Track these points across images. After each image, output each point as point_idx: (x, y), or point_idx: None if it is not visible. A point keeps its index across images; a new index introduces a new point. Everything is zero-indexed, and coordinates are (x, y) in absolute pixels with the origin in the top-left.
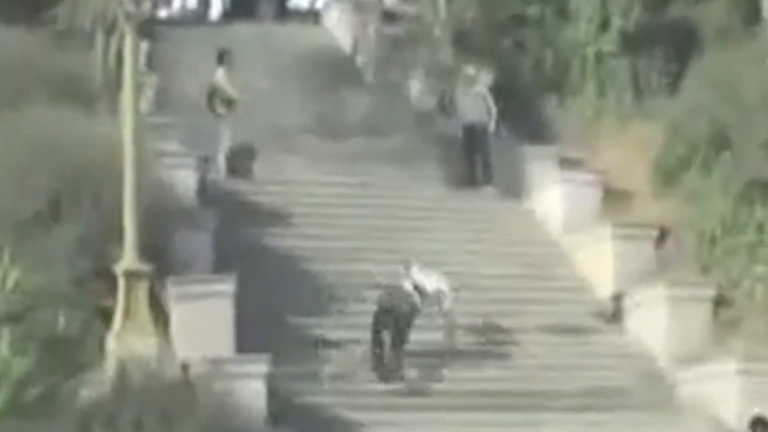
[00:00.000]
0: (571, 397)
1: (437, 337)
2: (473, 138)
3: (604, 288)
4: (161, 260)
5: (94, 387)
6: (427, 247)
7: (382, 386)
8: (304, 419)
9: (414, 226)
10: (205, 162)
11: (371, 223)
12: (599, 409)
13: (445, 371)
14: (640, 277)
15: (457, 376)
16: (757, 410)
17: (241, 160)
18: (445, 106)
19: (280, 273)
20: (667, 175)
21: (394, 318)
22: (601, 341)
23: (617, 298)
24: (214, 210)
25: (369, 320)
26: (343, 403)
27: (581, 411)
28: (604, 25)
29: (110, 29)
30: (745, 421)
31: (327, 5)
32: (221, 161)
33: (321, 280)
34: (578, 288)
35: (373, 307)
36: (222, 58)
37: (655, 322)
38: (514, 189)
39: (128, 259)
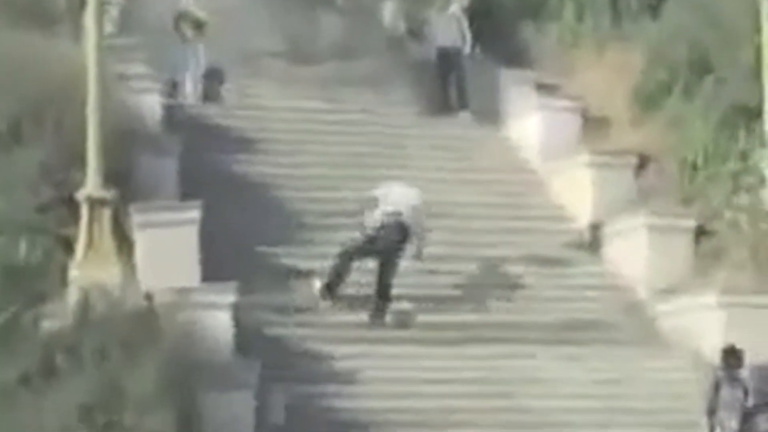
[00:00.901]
0: (548, 330)
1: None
2: (447, 62)
3: (582, 217)
4: (125, 187)
5: (56, 317)
6: (399, 174)
7: (352, 317)
8: (272, 351)
9: (386, 153)
10: (172, 86)
11: (342, 149)
12: (577, 342)
13: (418, 303)
14: (619, 206)
15: (429, 307)
16: (729, 341)
17: (209, 85)
18: (418, 29)
19: (249, 200)
20: (647, 101)
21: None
22: (579, 272)
23: (595, 227)
24: (180, 135)
25: (335, 249)
26: (312, 335)
27: (558, 344)
28: None
29: None
30: (717, 353)
31: None
32: (189, 85)
33: (290, 207)
34: (555, 217)
35: (342, 235)
36: None
37: (635, 252)
38: (490, 115)
39: (91, 185)
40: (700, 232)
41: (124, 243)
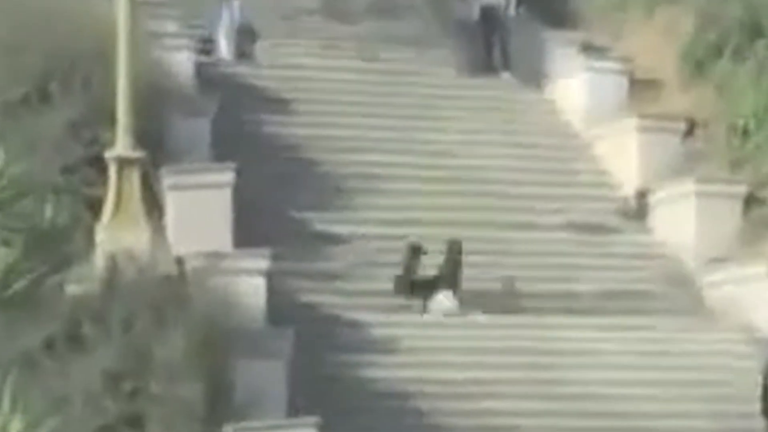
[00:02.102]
0: (591, 300)
1: None
2: (491, 21)
3: (628, 184)
4: (156, 147)
5: (82, 282)
6: (439, 137)
7: (389, 285)
8: (306, 318)
9: (426, 115)
10: (204, 44)
11: (380, 111)
12: (621, 313)
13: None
14: (666, 172)
15: (469, 275)
16: None
17: (242, 43)
18: None
19: (283, 163)
20: (697, 64)
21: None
22: (624, 240)
23: (642, 194)
24: (213, 95)
25: (377, 214)
26: (347, 303)
27: (602, 314)
28: None
29: None
30: None
31: None
32: (222, 43)
33: (326, 170)
34: (600, 183)
35: (384, 201)
36: None
37: (682, 220)
38: (534, 77)
39: (121, 145)
40: (750, 200)
41: (153, 206)
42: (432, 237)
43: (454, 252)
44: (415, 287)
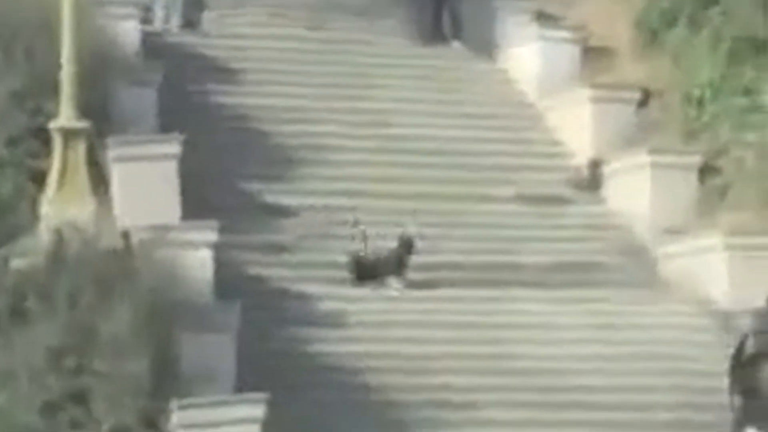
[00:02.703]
0: (543, 272)
1: None
2: None
3: (581, 154)
4: (101, 118)
5: (26, 255)
6: (390, 107)
7: (338, 258)
8: (253, 291)
9: (376, 84)
10: (151, 13)
11: (328, 80)
12: (573, 285)
13: None
14: (620, 143)
15: (417, 248)
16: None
17: (189, 12)
18: None
19: (230, 133)
20: (651, 33)
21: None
22: (577, 212)
23: (595, 165)
24: (159, 64)
25: (325, 185)
26: (295, 276)
27: (553, 287)
28: None
29: None
30: None
31: None
32: (167, 12)
33: (274, 141)
34: (553, 154)
35: (331, 172)
36: None
37: (636, 191)
38: (485, 45)
39: (65, 116)
40: (705, 170)
41: (99, 178)
42: (380, 209)
43: (405, 246)
44: (363, 273)
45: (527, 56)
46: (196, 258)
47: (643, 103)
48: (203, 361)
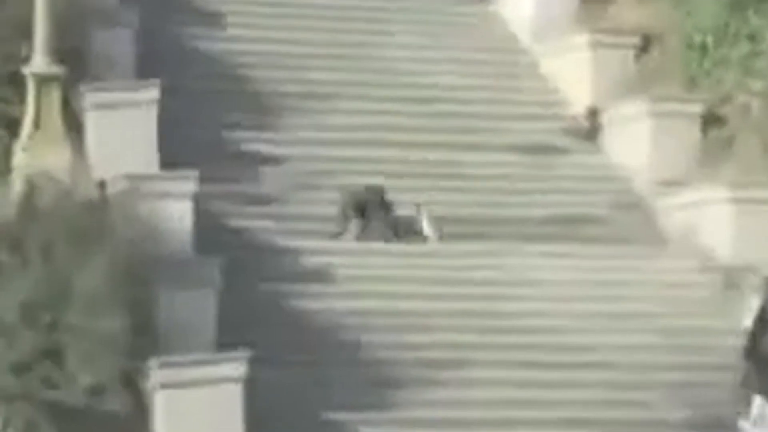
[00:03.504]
0: (536, 225)
1: None
2: None
3: (579, 102)
4: (76, 63)
5: None
6: (380, 53)
7: (325, 210)
8: (236, 245)
9: (365, 29)
10: None
11: (316, 24)
12: (568, 239)
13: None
14: (619, 90)
15: (406, 199)
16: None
17: None
18: None
19: (213, 80)
20: None
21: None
22: (574, 162)
23: (593, 113)
24: (136, 5)
25: (312, 134)
26: (279, 229)
27: (548, 240)
28: None
29: None
30: None
31: None
32: None
33: (259, 88)
34: (549, 102)
35: (318, 121)
36: None
37: (636, 141)
38: None
39: (38, 61)
40: (708, 119)
41: (74, 125)
42: (367, 159)
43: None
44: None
45: None
46: (176, 210)
47: (643, 49)
48: (183, 318)
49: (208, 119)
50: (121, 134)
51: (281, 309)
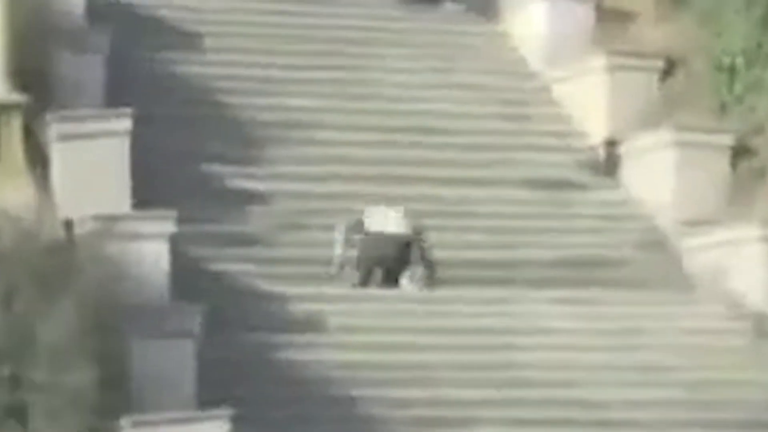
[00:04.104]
0: (550, 268)
1: None
2: None
3: (596, 133)
4: (40, 91)
5: None
6: (373, 77)
7: (314, 252)
8: (217, 291)
9: (355, 53)
10: None
11: (304, 48)
12: (586, 283)
13: None
14: (640, 119)
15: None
16: None
17: None
18: None
19: (190, 108)
20: None
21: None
22: (590, 199)
23: (611, 145)
24: (106, 28)
25: (299, 168)
26: (264, 273)
27: (563, 285)
28: None
29: None
30: None
31: None
32: None
33: (240, 117)
34: (562, 132)
35: (306, 153)
36: None
37: (659, 175)
38: (483, 5)
39: None
40: (739, 151)
41: (38, 158)
42: (363, 196)
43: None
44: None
45: (533, 18)
46: (151, 252)
47: (666, 72)
48: (159, 371)
49: (184, 151)
50: (90, 168)
51: (267, 361)
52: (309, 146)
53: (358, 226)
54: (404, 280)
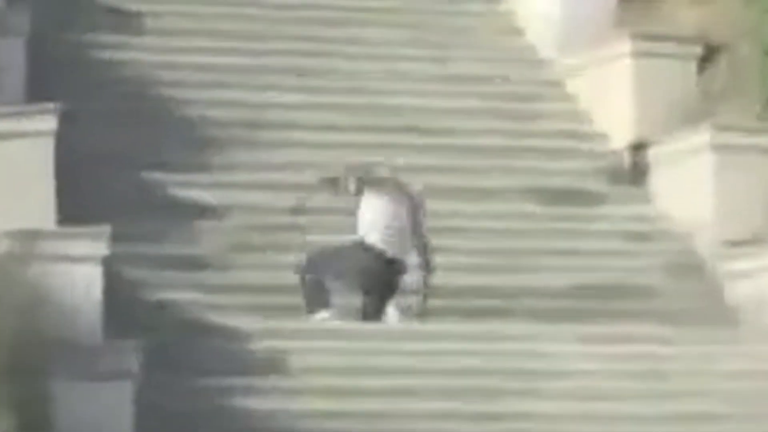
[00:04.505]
0: (562, 298)
1: None
2: None
3: (620, 134)
4: None
5: None
6: (351, 67)
7: (276, 277)
8: (159, 324)
9: (332, 37)
10: None
11: (268, 30)
12: (605, 317)
13: None
14: (674, 117)
15: None
16: None
17: None
18: None
19: (127, 103)
20: None
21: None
22: (613, 213)
23: (639, 148)
24: (27, 5)
25: (259, 176)
26: (215, 302)
27: (579, 319)
28: None
29: None
30: None
31: None
32: None
33: (187, 114)
34: (580, 134)
35: (269, 158)
36: None
37: (696, 186)
38: None
39: None
40: None
41: None
42: (335, 209)
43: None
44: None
45: None
46: (80, 277)
47: (705, 60)
48: (89, 419)
49: (121, 156)
50: (7, 175)
51: (218, 410)
52: (274, 150)
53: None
54: (391, 309)
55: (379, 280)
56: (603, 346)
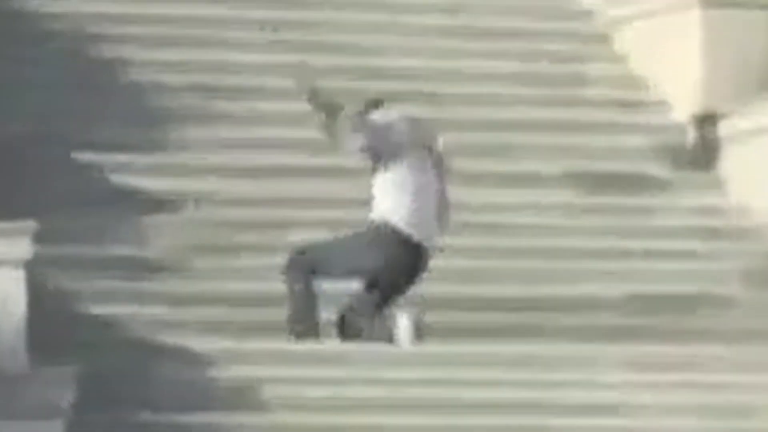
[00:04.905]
0: (612, 313)
1: None
2: None
3: (683, 103)
4: None
5: None
6: (352, 20)
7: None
8: (100, 344)
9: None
10: None
11: None
12: (664, 336)
13: None
14: (752, 83)
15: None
16: None
17: None
18: None
19: (52, 67)
20: None
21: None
22: (675, 205)
23: (707, 121)
24: None
25: (220, 158)
26: (169, 318)
27: (629, 339)
28: None
29: None
30: None
31: None
32: None
33: (135, 80)
34: (631, 102)
35: (233, 133)
36: None
37: None
38: None
39: None
40: None
41: None
42: (319, 199)
43: None
44: None
45: None
46: (2, 280)
47: None
48: None
49: (53, 135)
50: None
51: None
52: (243, 124)
53: None
54: (404, 320)
55: (409, 277)
56: (660, 374)
